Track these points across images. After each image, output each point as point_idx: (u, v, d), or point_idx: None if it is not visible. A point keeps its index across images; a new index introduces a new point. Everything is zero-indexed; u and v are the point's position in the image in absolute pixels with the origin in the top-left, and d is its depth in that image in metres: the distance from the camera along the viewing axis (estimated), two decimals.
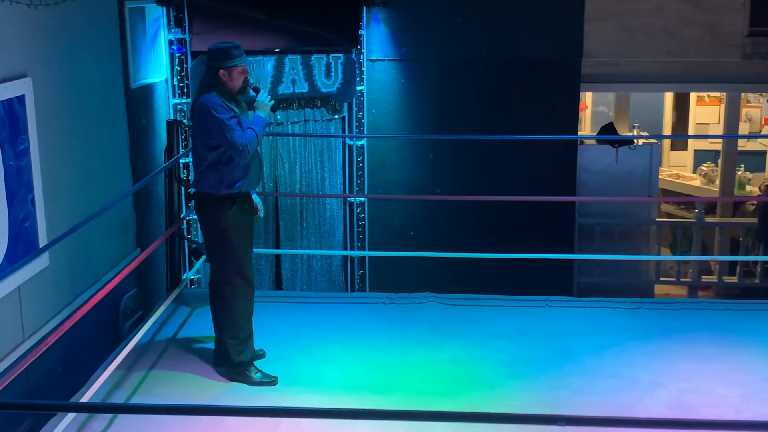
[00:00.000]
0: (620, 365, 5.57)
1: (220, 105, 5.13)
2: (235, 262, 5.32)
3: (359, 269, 8.53)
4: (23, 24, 5.36)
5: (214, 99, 5.15)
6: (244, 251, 5.38)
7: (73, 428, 4.71)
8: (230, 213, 5.27)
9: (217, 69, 5.20)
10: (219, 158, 5.21)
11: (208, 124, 5.15)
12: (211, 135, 5.17)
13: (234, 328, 5.36)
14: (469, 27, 8.58)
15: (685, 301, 8.06)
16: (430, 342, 5.90)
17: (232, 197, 5.27)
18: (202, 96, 5.21)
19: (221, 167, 5.22)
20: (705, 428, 3.06)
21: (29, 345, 5.24)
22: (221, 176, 5.23)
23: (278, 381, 5.34)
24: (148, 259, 6.23)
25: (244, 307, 5.39)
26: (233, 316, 5.36)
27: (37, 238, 5.44)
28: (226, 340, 5.36)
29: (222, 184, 5.24)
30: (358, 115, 8.36)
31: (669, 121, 12.36)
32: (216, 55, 5.25)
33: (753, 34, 8.91)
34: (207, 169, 5.24)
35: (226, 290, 5.34)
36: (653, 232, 9.74)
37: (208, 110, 5.13)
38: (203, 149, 5.24)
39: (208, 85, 5.22)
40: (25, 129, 5.30)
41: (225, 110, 5.13)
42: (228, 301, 5.34)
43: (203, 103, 5.17)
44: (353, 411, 3.20)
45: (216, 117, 5.10)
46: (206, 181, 5.27)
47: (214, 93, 5.17)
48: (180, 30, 7.48)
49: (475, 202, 8.03)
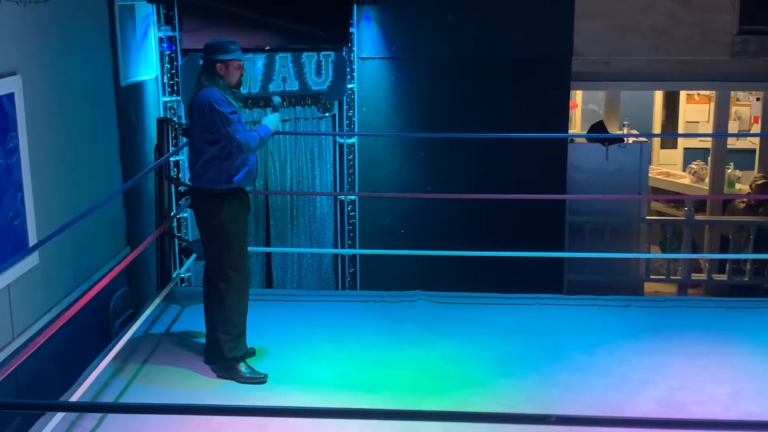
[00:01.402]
0: (610, 363, 5.59)
1: (221, 99, 5.15)
2: (233, 257, 5.33)
3: (350, 267, 8.53)
4: (13, 21, 5.34)
5: (216, 93, 5.17)
6: (241, 246, 5.40)
7: (63, 427, 4.70)
8: (229, 208, 5.28)
9: (214, 62, 5.22)
10: (218, 153, 5.21)
11: (209, 119, 5.15)
12: (212, 129, 5.16)
13: (228, 324, 5.35)
14: (459, 25, 8.58)
15: (675, 299, 8.09)
16: (421, 340, 5.90)
17: (230, 192, 5.28)
18: (202, 90, 5.21)
19: (220, 162, 5.22)
20: (694, 428, 3.06)
21: (19, 344, 5.23)
22: (220, 171, 5.23)
23: (268, 378, 5.34)
24: (139, 257, 6.22)
25: (238, 303, 5.39)
26: (228, 311, 5.35)
27: (26, 237, 5.42)
28: (219, 335, 5.36)
29: (221, 179, 5.24)
30: (349, 113, 8.36)
31: (659, 120, 12.39)
32: (213, 49, 5.27)
33: (742, 32, 8.94)
34: (206, 164, 5.24)
35: (222, 286, 5.33)
36: (643, 230, 9.76)
37: (210, 104, 5.13)
38: (202, 144, 5.23)
39: (207, 79, 5.24)
40: (15, 127, 5.28)
41: (226, 104, 5.15)
42: (223, 296, 5.34)
43: (204, 97, 5.17)
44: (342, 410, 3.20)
45: (217, 110, 5.11)
46: (205, 176, 5.26)
47: (215, 88, 5.18)
48: (170, 27, 7.46)
49: (465, 200, 8.03)
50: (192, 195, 5.48)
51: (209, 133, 5.19)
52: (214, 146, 5.20)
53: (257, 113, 7.94)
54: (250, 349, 5.56)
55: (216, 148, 5.20)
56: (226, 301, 5.35)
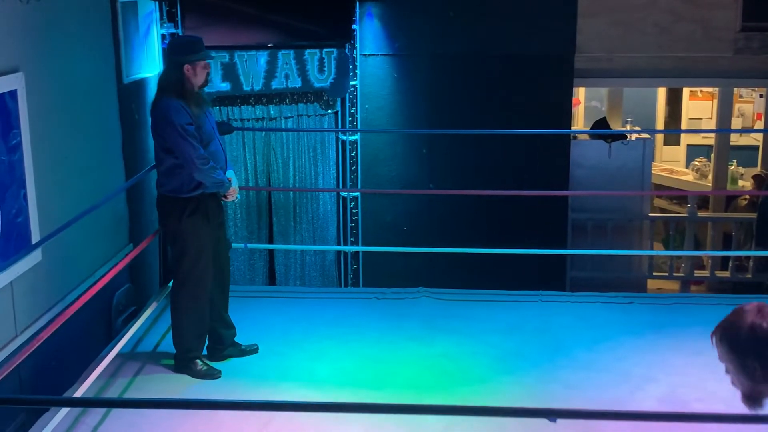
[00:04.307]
0: (612, 360, 5.59)
1: (178, 109, 5.02)
2: (189, 266, 5.27)
3: (352, 264, 8.53)
4: (15, 18, 5.34)
5: (174, 103, 5.05)
6: (201, 254, 5.29)
7: (67, 423, 4.71)
8: (191, 218, 5.20)
9: (181, 64, 5.08)
10: (177, 162, 5.14)
11: (164, 130, 5.08)
12: (166, 139, 5.09)
13: (180, 325, 5.37)
14: (461, 22, 8.58)
15: (678, 296, 8.09)
16: (423, 337, 5.90)
17: (194, 200, 5.20)
18: (163, 99, 5.10)
19: (179, 171, 5.16)
20: (692, 421, 3.07)
21: (22, 340, 5.23)
22: (181, 180, 5.16)
23: (271, 375, 5.34)
24: (141, 254, 6.22)
25: (192, 309, 5.34)
26: (180, 315, 5.36)
27: (29, 234, 5.42)
28: (175, 333, 5.40)
29: (182, 189, 5.17)
30: (351, 110, 8.36)
31: (662, 116, 12.39)
32: (180, 50, 5.15)
33: (745, 29, 8.94)
34: (167, 173, 5.19)
35: (181, 292, 5.33)
36: (646, 226, 9.76)
37: (167, 116, 5.04)
38: (161, 152, 5.19)
39: (171, 84, 5.11)
40: (17, 124, 5.29)
41: (185, 116, 5.03)
42: (178, 300, 5.35)
43: (164, 108, 5.07)
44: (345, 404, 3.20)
45: (174, 123, 5.01)
46: (168, 185, 5.21)
47: (174, 97, 5.06)
48: (172, 25, 7.46)
49: (467, 196, 8.03)
50: (156, 201, 5.41)
51: (165, 142, 5.12)
52: (171, 155, 5.13)
53: (260, 110, 7.95)
54: (252, 346, 5.58)
55: (173, 156, 5.13)
56: (179, 304, 5.35)
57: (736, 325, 2.60)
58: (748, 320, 2.56)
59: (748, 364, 2.56)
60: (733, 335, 2.60)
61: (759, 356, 2.55)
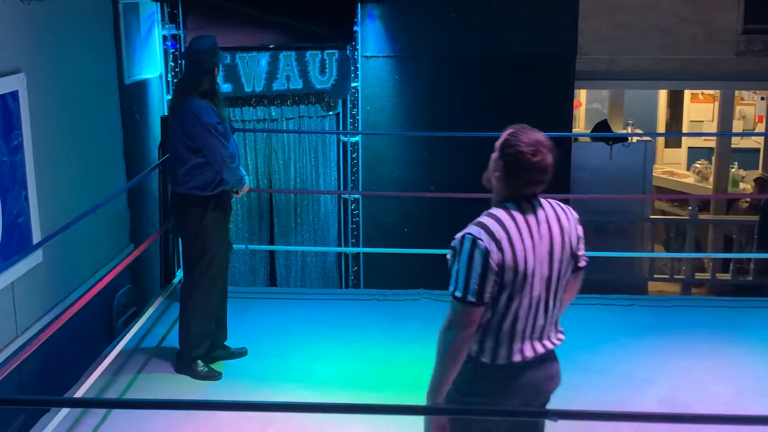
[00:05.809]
0: (613, 362, 5.58)
1: (207, 109, 5.12)
2: (209, 264, 5.32)
3: (353, 266, 8.53)
4: (17, 19, 5.34)
5: (203, 104, 5.13)
6: (218, 252, 5.37)
7: (67, 424, 4.71)
8: (212, 214, 5.28)
9: (213, 66, 5.20)
10: (202, 161, 5.20)
11: (194, 130, 5.13)
12: (195, 139, 5.15)
13: (189, 326, 5.38)
14: (463, 23, 8.58)
15: (679, 299, 8.09)
16: (424, 338, 5.86)
17: (214, 198, 5.28)
18: (190, 100, 5.16)
19: (202, 169, 5.21)
20: (693, 423, 3.07)
21: (23, 341, 5.23)
22: (205, 178, 5.22)
23: (272, 376, 5.34)
24: (142, 255, 6.23)
25: (204, 309, 5.38)
26: (190, 314, 5.37)
27: (30, 234, 5.43)
28: (184, 333, 5.40)
29: (206, 186, 5.23)
30: (353, 111, 8.36)
31: (663, 119, 12.39)
32: (212, 52, 5.22)
33: (747, 31, 8.93)
34: (189, 171, 5.22)
35: (194, 291, 5.34)
36: (647, 229, 9.75)
37: (198, 116, 5.10)
38: (186, 152, 5.22)
39: (200, 85, 5.19)
40: (19, 125, 5.29)
41: (214, 116, 5.14)
42: (192, 299, 5.36)
43: (194, 109, 5.13)
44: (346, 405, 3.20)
45: (206, 124, 5.09)
46: (190, 183, 5.24)
47: (197, 97, 5.14)
48: (174, 26, 7.46)
49: (469, 199, 8.00)
50: (173, 200, 5.45)
51: (192, 142, 5.17)
52: (198, 154, 5.19)
53: (261, 111, 7.95)
54: (240, 350, 5.60)
55: (200, 155, 5.19)
56: (191, 302, 5.36)
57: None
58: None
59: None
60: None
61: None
